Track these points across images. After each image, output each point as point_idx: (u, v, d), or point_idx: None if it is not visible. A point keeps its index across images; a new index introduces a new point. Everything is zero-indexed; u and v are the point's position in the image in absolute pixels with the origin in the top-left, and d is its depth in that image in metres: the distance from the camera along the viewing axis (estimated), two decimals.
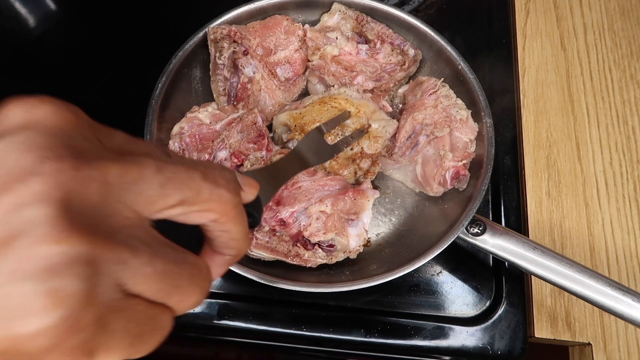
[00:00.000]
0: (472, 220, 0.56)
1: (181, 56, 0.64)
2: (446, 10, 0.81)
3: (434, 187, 0.62)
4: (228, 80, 0.66)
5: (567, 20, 0.80)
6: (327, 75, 0.67)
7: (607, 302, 0.49)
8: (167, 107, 0.63)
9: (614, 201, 0.67)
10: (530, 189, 0.68)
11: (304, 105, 0.65)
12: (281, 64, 0.69)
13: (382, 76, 0.68)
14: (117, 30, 0.80)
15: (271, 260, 0.58)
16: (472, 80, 0.64)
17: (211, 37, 0.65)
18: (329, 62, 0.67)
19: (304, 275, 0.57)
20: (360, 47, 0.68)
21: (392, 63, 0.68)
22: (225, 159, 0.61)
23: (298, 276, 0.56)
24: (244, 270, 0.54)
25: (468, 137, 0.63)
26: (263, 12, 0.69)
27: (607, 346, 0.59)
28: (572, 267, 0.51)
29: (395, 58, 0.67)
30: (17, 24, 0.81)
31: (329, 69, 0.67)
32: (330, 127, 0.60)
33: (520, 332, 0.59)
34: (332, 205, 0.58)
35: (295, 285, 0.54)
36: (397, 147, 0.64)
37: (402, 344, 0.59)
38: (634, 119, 0.72)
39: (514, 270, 0.62)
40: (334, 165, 0.62)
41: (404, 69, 0.68)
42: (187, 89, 0.68)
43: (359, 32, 0.70)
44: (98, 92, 0.75)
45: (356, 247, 0.58)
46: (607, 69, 0.76)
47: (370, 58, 0.68)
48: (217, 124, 0.62)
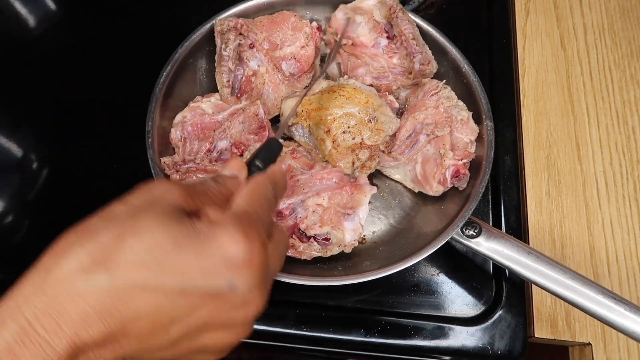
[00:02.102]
0: (468, 223, 0.56)
1: (187, 46, 0.65)
2: (446, 10, 0.81)
3: (433, 186, 0.62)
4: (232, 72, 0.66)
5: (567, 20, 0.80)
6: (330, 49, 0.67)
7: (599, 310, 0.49)
8: (171, 96, 0.64)
9: (614, 201, 0.67)
10: (530, 189, 0.68)
11: (312, 92, 0.65)
12: (287, 60, 0.69)
13: (385, 75, 0.68)
14: (117, 29, 0.80)
15: None
16: (475, 83, 0.64)
17: (218, 29, 0.65)
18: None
19: (298, 268, 0.57)
20: (379, 40, 0.68)
21: (401, 66, 0.67)
22: (226, 148, 0.62)
23: (291, 269, 0.56)
24: None
25: (468, 137, 0.63)
26: (271, 7, 0.70)
27: (607, 346, 0.59)
28: (565, 274, 0.51)
29: (406, 64, 0.67)
30: (17, 24, 0.81)
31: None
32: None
33: (520, 332, 0.59)
34: (329, 199, 0.58)
35: (288, 278, 0.54)
36: (397, 145, 0.64)
37: (402, 344, 0.59)
38: (634, 119, 0.72)
39: None
40: (333, 153, 0.62)
41: (409, 77, 0.67)
42: (192, 79, 0.68)
43: (390, 22, 0.68)
44: (99, 91, 0.75)
45: (351, 241, 0.59)
46: (607, 69, 0.76)
47: (383, 55, 0.68)
48: (220, 114, 0.63)
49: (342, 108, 0.62)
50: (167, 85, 0.63)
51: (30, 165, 0.70)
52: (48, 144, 0.72)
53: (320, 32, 0.70)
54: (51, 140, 0.72)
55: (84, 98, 0.74)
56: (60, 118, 0.73)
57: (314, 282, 0.55)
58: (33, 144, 0.72)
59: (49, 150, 0.71)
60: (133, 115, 0.61)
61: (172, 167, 0.59)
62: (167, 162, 0.60)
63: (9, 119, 0.74)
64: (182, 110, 0.64)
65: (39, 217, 0.67)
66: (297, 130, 0.65)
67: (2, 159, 0.70)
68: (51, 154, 0.71)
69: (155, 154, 0.59)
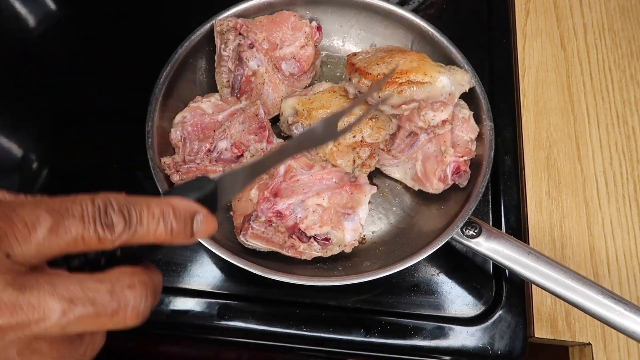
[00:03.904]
0: (468, 223, 0.56)
1: (187, 46, 0.65)
2: (446, 10, 0.81)
3: (434, 183, 0.62)
4: (232, 72, 0.67)
5: (567, 20, 0.80)
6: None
7: (599, 310, 0.49)
8: (171, 96, 0.64)
9: (614, 201, 0.67)
10: (530, 189, 0.68)
11: (313, 92, 0.65)
12: (287, 59, 0.69)
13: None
14: (117, 30, 0.80)
15: (266, 251, 0.58)
16: (475, 83, 0.64)
17: (217, 29, 0.66)
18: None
19: (298, 269, 0.57)
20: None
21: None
22: (226, 149, 0.62)
23: (292, 269, 0.56)
24: (237, 260, 0.54)
25: (469, 135, 0.63)
26: (271, 7, 0.70)
27: (607, 346, 0.59)
28: (565, 274, 0.51)
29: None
30: (17, 24, 0.81)
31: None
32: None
33: (520, 332, 0.59)
34: (329, 199, 0.59)
35: (288, 278, 0.54)
36: (397, 143, 0.64)
37: (402, 344, 0.59)
38: (634, 119, 0.72)
39: None
40: (334, 151, 0.62)
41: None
42: (192, 79, 0.68)
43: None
44: (99, 91, 0.75)
45: (351, 241, 0.59)
46: (607, 69, 0.76)
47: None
48: (220, 114, 0.63)
49: (343, 107, 0.62)
50: (167, 86, 0.63)
51: (30, 165, 0.70)
52: (48, 144, 0.72)
53: (320, 32, 0.70)
54: (51, 140, 0.72)
55: (84, 98, 0.74)
56: (60, 118, 0.73)
57: (314, 282, 0.55)
58: (33, 144, 0.72)
59: (49, 150, 0.71)
60: (133, 115, 0.61)
61: (172, 167, 0.59)
62: (168, 162, 0.60)
63: (9, 119, 0.74)
64: (182, 110, 0.64)
65: None
66: (298, 129, 0.65)
67: (2, 159, 0.70)
68: (51, 154, 0.71)
69: (155, 154, 0.59)
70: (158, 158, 0.59)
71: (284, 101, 0.67)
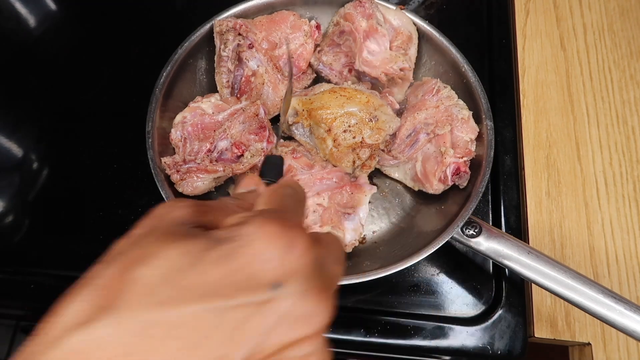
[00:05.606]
0: (468, 222, 0.56)
1: (187, 47, 0.65)
2: (446, 10, 0.81)
3: (434, 183, 0.62)
4: (232, 72, 0.67)
5: (567, 20, 0.80)
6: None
7: (599, 309, 0.49)
8: (171, 96, 0.64)
9: (614, 201, 0.67)
10: (530, 189, 0.68)
11: (314, 92, 0.66)
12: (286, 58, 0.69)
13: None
14: (118, 28, 0.80)
15: None
16: (475, 83, 0.64)
17: (217, 30, 0.66)
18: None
19: None
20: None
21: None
22: (226, 149, 0.62)
23: None
24: None
25: (469, 136, 0.63)
26: (271, 7, 0.70)
27: (607, 346, 0.59)
28: (565, 273, 0.51)
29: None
30: (17, 24, 0.81)
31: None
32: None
33: (520, 332, 0.59)
34: (330, 199, 0.59)
35: None
36: (397, 143, 0.64)
37: (402, 344, 0.59)
38: (634, 119, 0.72)
39: None
40: (334, 152, 0.62)
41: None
42: (192, 79, 0.68)
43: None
44: (99, 92, 0.75)
45: (352, 241, 0.59)
46: (606, 69, 0.76)
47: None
48: (220, 114, 0.63)
49: (343, 107, 0.62)
50: (167, 86, 0.63)
51: (30, 165, 0.70)
52: (48, 144, 0.72)
53: (319, 31, 0.70)
54: (51, 140, 0.72)
55: (84, 98, 0.74)
56: (60, 118, 0.73)
57: None
58: (33, 144, 0.72)
59: (49, 150, 0.71)
60: (133, 116, 0.61)
61: (172, 167, 0.60)
62: (168, 162, 0.60)
63: (9, 119, 0.74)
64: (182, 110, 0.64)
65: (39, 217, 0.67)
66: (298, 130, 0.65)
67: (2, 159, 0.70)
68: (51, 154, 0.71)
69: (155, 154, 0.59)
70: (158, 158, 0.59)
71: (284, 102, 0.67)
